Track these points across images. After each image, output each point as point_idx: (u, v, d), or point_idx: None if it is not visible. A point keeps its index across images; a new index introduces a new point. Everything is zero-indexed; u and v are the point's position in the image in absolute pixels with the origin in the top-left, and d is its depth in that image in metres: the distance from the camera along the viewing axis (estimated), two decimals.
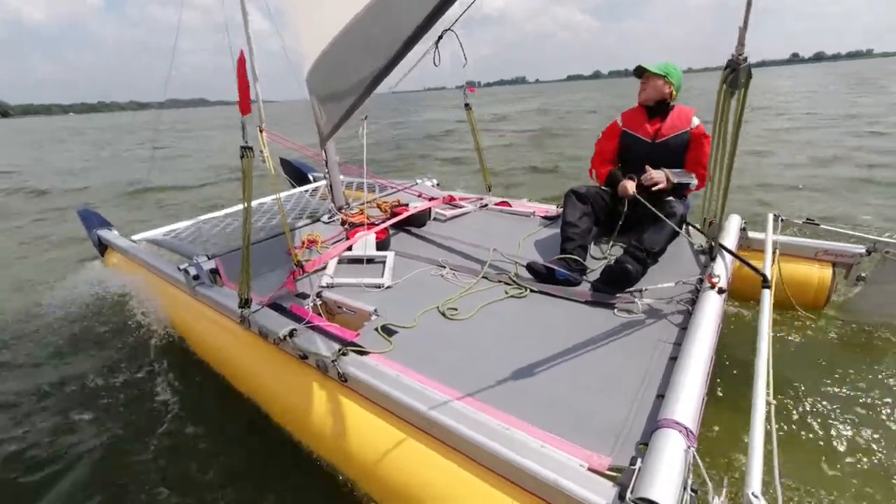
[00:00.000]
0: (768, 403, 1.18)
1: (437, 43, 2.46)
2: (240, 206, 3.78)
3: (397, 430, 1.42)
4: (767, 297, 1.65)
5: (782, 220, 2.63)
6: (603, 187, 2.69)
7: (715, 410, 1.91)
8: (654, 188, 2.43)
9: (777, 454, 1.10)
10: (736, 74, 1.28)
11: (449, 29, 2.47)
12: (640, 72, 2.58)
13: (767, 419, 1.14)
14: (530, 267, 2.29)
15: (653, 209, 2.22)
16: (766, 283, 1.73)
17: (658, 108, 2.57)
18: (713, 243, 1.74)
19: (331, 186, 3.48)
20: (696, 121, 2.53)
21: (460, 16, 2.36)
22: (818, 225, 2.63)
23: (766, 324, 1.49)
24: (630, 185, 2.46)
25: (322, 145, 2.92)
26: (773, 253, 2.22)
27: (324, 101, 2.08)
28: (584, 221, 2.45)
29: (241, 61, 1.69)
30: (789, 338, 2.37)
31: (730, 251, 1.94)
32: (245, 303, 1.98)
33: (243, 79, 1.69)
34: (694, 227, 2.48)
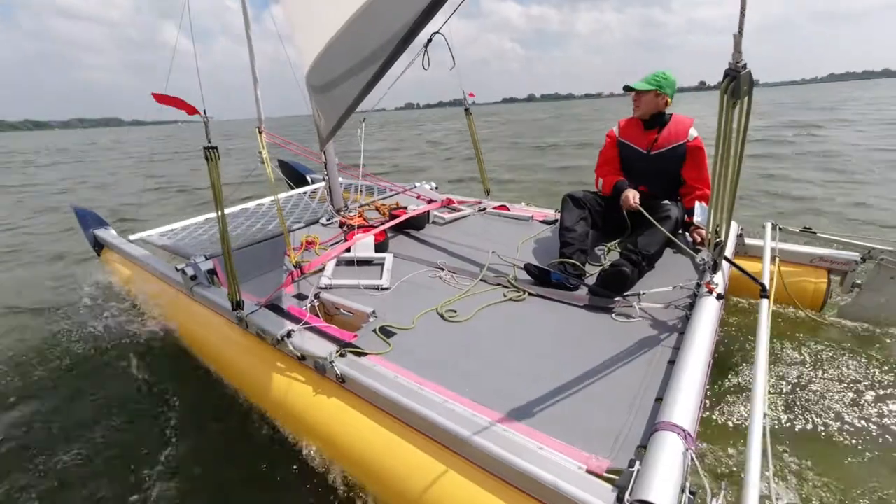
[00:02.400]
0: (765, 415, 1.18)
1: (426, 46, 2.48)
2: (238, 207, 3.78)
3: (395, 432, 1.42)
4: (765, 307, 1.64)
5: (780, 228, 2.65)
6: (604, 195, 2.67)
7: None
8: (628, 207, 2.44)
9: (772, 463, 1.10)
10: (737, 83, 1.24)
11: (437, 32, 2.49)
12: (628, 89, 2.54)
13: (764, 429, 1.14)
14: (527, 269, 2.29)
15: (648, 216, 2.23)
16: (764, 292, 1.72)
17: (654, 119, 2.55)
18: (717, 259, 1.72)
19: (330, 188, 3.48)
20: (693, 133, 2.50)
21: (448, 18, 2.39)
22: (815, 233, 2.64)
23: (763, 333, 1.48)
24: (633, 196, 2.43)
25: (322, 147, 2.92)
26: (773, 261, 2.23)
27: (322, 102, 2.08)
28: (581, 226, 2.46)
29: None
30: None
31: (731, 261, 1.94)
32: (237, 305, 1.97)
33: (167, 98, 1.66)
34: (690, 234, 2.50)
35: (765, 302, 1.66)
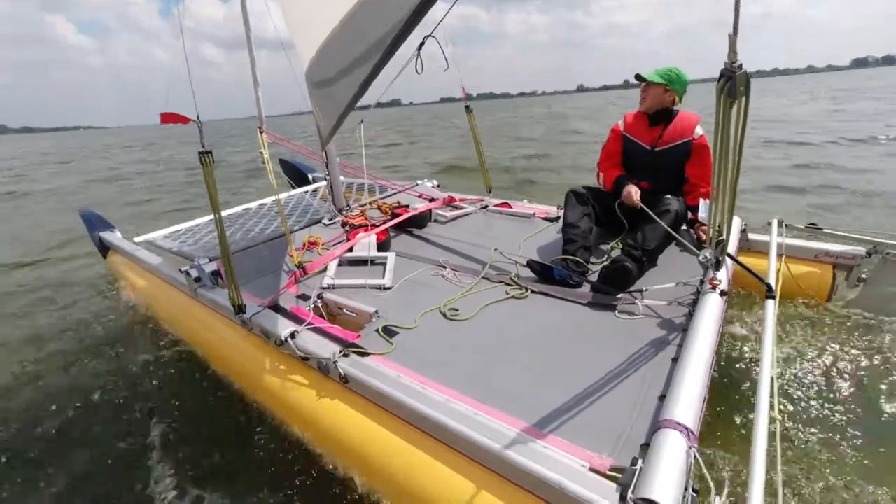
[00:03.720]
0: (772, 419, 1.16)
1: (419, 49, 2.47)
2: (240, 207, 3.79)
3: (398, 431, 1.43)
4: (771, 308, 1.61)
5: (786, 225, 2.62)
6: (607, 190, 2.65)
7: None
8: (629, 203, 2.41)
9: (780, 467, 1.09)
10: (733, 83, 1.22)
11: (430, 35, 2.48)
12: (640, 79, 2.52)
13: (769, 429, 1.13)
14: (530, 265, 2.29)
15: (648, 211, 2.22)
16: (770, 293, 1.68)
17: (660, 115, 2.53)
18: (719, 257, 1.70)
19: (331, 188, 3.48)
20: (699, 131, 2.47)
21: (441, 20, 2.38)
22: (821, 229, 2.61)
23: (769, 333, 1.46)
24: (634, 192, 2.41)
25: (323, 146, 2.93)
26: (780, 259, 2.19)
27: (322, 100, 2.08)
28: (584, 222, 2.45)
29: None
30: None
31: (735, 260, 1.92)
32: (239, 308, 1.98)
33: (173, 116, 1.81)
34: (695, 232, 2.48)
35: (770, 303, 1.63)
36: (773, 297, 1.67)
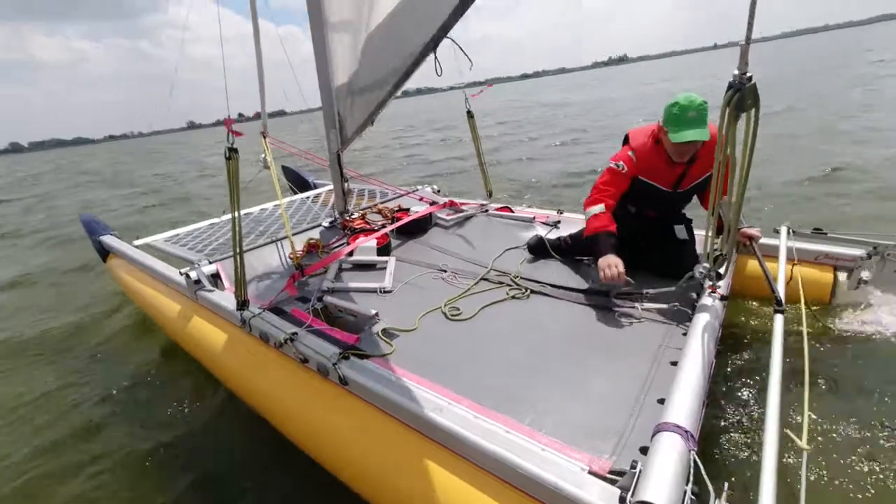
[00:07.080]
0: (785, 437, 1.15)
1: (434, 51, 2.48)
2: (242, 211, 3.79)
3: (398, 434, 1.42)
4: (780, 323, 1.55)
5: (793, 231, 2.60)
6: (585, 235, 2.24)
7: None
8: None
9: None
10: (741, 95, 1.19)
11: (446, 35, 2.49)
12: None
13: (783, 453, 1.11)
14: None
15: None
16: (779, 307, 1.62)
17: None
18: (716, 272, 1.67)
19: (340, 192, 3.48)
20: None
21: (456, 21, 2.40)
22: (826, 234, 2.60)
23: (778, 350, 1.41)
24: (620, 267, 1.93)
25: (343, 148, 2.93)
26: (791, 266, 2.15)
27: (356, 104, 2.12)
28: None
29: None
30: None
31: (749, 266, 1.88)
32: (242, 304, 1.98)
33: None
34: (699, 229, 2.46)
35: (779, 318, 1.59)
36: (783, 312, 1.61)
